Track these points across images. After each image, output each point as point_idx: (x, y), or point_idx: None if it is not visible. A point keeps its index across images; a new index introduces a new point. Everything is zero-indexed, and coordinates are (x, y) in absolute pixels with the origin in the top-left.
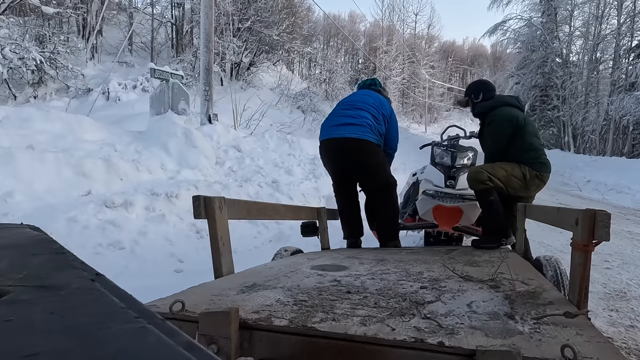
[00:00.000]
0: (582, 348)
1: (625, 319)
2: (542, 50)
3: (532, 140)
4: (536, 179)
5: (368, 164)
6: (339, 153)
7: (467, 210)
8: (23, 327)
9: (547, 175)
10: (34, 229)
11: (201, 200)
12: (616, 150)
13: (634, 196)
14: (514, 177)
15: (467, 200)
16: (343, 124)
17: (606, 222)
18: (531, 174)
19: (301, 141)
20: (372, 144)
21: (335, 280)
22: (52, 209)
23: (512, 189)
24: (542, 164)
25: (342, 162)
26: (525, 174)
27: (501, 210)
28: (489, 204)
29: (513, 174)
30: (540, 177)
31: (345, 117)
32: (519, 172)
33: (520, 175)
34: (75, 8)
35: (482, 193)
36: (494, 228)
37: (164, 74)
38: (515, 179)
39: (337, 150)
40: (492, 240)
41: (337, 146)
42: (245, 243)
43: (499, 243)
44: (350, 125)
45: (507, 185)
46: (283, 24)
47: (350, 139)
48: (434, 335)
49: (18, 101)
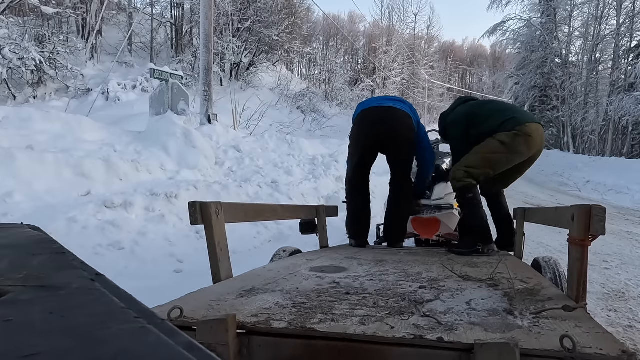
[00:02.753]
0: (581, 339)
1: (623, 319)
2: (542, 50)
3: (487, 108)
4: (518, 137)
5: (406, 139)
6: (382, 119)
7: (445, 220)
8: (23, 327)
9: (526, 127)
10: (34, 229)
11: (197, 206)
12: (615, 150)
13: (633, 196)
14: (490, 153)
15: (443, 210)
16: (390, 99)
17: (601, 217)
18: (508, 136)
19: (301, 141)
20: (412, 126)
21: (334, 282)
22: (52, 209)
23: (501, 163)
24: (510, 119)
25: (384, 127)
26: (503, 141)
27: (481, 211)
28: (467, 202)
29: (488, 150)
30: (521, 133)
31: (390, 98)
32: (494, 143)
33: (497, 145)
34: (75, 8)
35: (460, 191)
36: (470, 230)
37: (163, 74)
38: (494, 153)
39: (382, 116)
40: (467, 244)
41: (382, 112)
42: (244, 243)
43: (474, 249)
44: (398, 101)
45: (489, 166)
46: (283, 24)
47: (398, 109)
48: (433, 332)
49: (17, 101)
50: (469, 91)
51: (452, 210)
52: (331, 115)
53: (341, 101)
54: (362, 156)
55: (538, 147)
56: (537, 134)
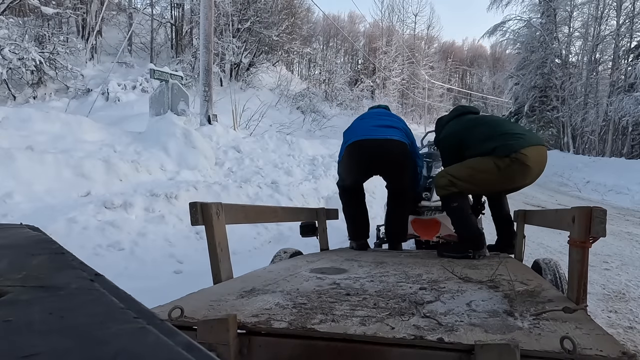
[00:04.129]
0: (581, 340)
1: (624, 320)
2: (542, 51)
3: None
4: (514, 164)
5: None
6: (377, 154)
7: (445, 221)
8: (22, 328)
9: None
10: (34, 229)
11: (198, 206)
12: (615, 151)
13: (633, 197)
14: (482, 172)
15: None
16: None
17: (602, 219)
18: (504, 162)
19: (300, 142)
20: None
21: (334, 283)
22: (52, 210)
23: (488, 185)
24: (504, 145)
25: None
26: (498, 164)
27: (468, 219)
28: (451, 211)
29: (480, 168)
30: (515, 160)
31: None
32: (489, 163)
33: (492, 166)
34: (75, 8)
35: (444, 200)
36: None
37: (163, 75)
38: (485, 173)
39: (376, 151)
40: (459, 249)
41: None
42: (244, 244)
43: (464, 254)
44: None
45: (477, 184)
46: (282, 25)
47: (394, 140)
48: (433, 332)
49: (17, 102)
50: (469, 91)
51: None
52: (331, 116)
53: (341, 101)
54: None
55: (536, 174)
56: (535, 161)
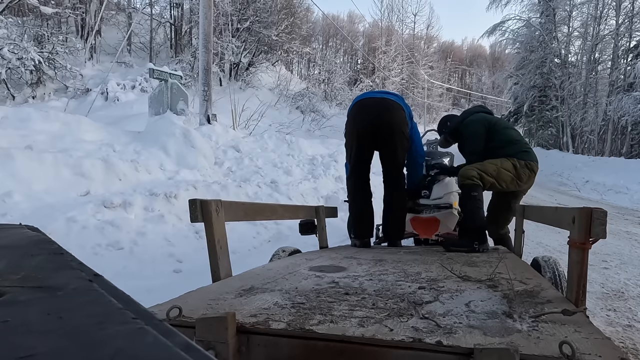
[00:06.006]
0: (580, 345)
1: (622, 318)
2: (541, 50)
3: (510, 133)
4: (526, 169)
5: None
6: (376, 108)
7: (444, 219)
8: (20, 328)
9: (535, 165)
10: (33, 229)
11: (197, 203)
12: (614, 150)
13: (632, 196)
14: (504, 169)
15: (442, 209)
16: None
17: (602, 220)
18: (520, 164)
19: (300, 141)
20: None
21: (333, 282)
22: (51, 209)
23: (504, 182)
24: (526, 152)
25: (377, 117)
26: (515, 165)
27: (481, 212)
28: (471, 199)
29: (503, 166)
30: (530, 167)
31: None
32: (509, 164)
33: (510, 166)
34: (74, 8)
35: (467, 187)
36: (469, 228)
37: (162, 74)
38: (506, 171)
39: (376, 106)
40: (464, 243)
41: (376, 102)
42: (243, 243)
43: (471, 247)
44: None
45: (499, 179)
46: (282, 25)
47: (392, 100)
48: (432, 335)
49: (16, 101)
50: (469, 91)
51: (451, 210)
52: (330, 115)
53: (340, 101)
54: (359, 149)
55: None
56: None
